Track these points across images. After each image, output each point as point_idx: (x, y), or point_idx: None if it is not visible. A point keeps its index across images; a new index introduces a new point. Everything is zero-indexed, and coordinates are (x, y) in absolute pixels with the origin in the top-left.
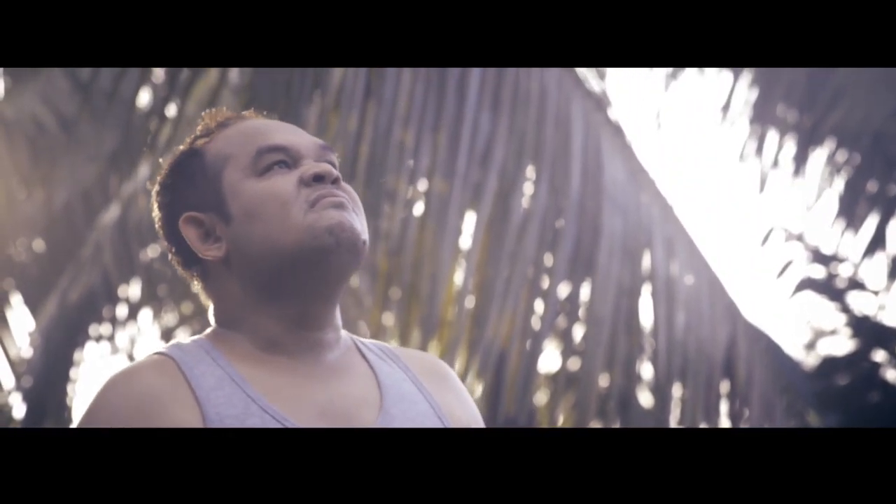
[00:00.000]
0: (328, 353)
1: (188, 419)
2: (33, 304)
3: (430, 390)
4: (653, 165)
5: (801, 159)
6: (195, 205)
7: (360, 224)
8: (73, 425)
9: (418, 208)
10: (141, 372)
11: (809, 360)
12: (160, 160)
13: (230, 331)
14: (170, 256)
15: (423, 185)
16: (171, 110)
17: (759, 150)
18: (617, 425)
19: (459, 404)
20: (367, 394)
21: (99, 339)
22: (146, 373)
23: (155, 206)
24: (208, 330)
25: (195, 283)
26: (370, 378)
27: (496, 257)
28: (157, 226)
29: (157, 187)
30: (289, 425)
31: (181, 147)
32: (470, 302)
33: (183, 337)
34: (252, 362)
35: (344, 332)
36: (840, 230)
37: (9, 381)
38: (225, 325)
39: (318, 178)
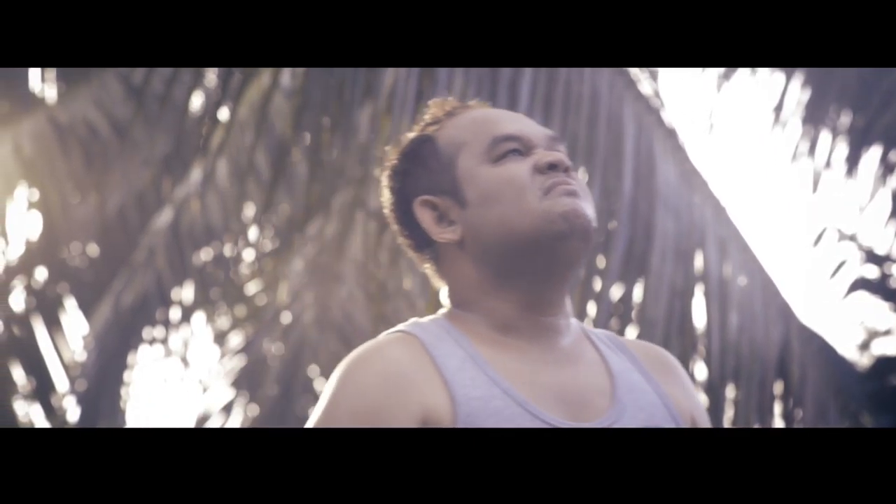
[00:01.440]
0: (561, 339)
1: (437, 400)
2: (87, 308)
3: (658, 381)
4: (705, 166)
5: (853, 160)
6: (429, 189)
7: (591, 211)
8: (320, 402)
9: None
10: (389, 348)
11: (863, 361)
12: (213, 164)
13: (465, 312)
14: (399, 240)
15: None
16: (224, 114)
17: (812, 150)
18: None
19: (685, 397)
20: (600, 381)
21: (152, 342)
22: (394, 349)
23: (386, 190)
24: (442, 310)
25: (427, 265)
26: (601, 366)
27: None
28: (386, 210)
29: (388, 172)
30: (529, 408)
31: (410, 134)
32: None
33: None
34: (490, 344)
35: (573, 320)
36: (893, 230)
37: (63, 385)
38: (460, 307)
39: (553, 167)
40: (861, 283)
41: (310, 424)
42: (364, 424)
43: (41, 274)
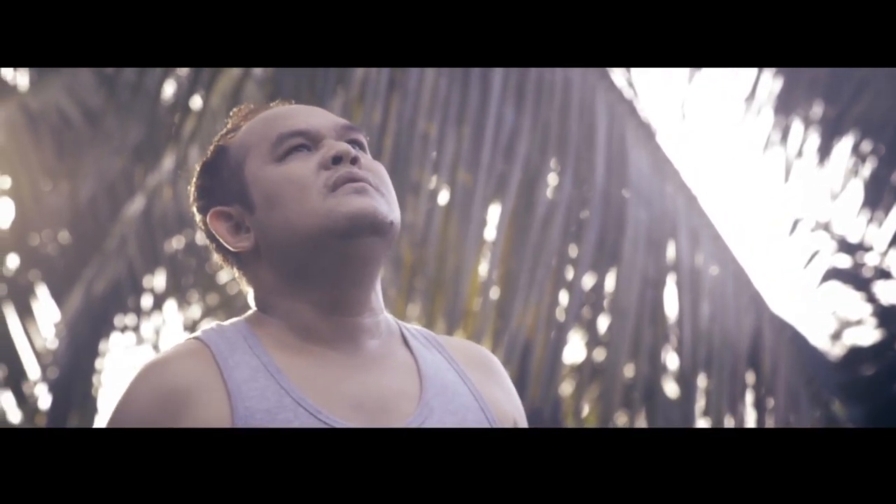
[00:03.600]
0: (367, 340)
1: (216, 414)
2: (59, 296)
3: (475, 381)
4: (677, 156)
5: (825, 149)
6: (223, 199)
7: (385, 205)
8: (105, 412)
9: (443, 200)
10: (173, 362)
11: (835, 351)
12: (185, 153)
13: (268, 316)
14: (214, 255)
15: (447, 176)
16: (196, 102)
17: (784, 140)
18: (642, 415)
19: (505, 397)
20: (406, 385)
21: (124, 329)
22: (179, 363)
23: (193, 209)
24: (249, 312)
25: (235, 273)
26: (411, 368)
27: (520, 248)
28: (199, 228)
29: (192, 190)
30: (322, 418)
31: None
32: (494, 293)
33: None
34: (289, 350)
35: (390, 318)
36: (866, 220)
37: (35, 372)
38: (263, 311)
39: (337, 160)
40: (833, 273)
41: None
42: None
43: (13, 261)
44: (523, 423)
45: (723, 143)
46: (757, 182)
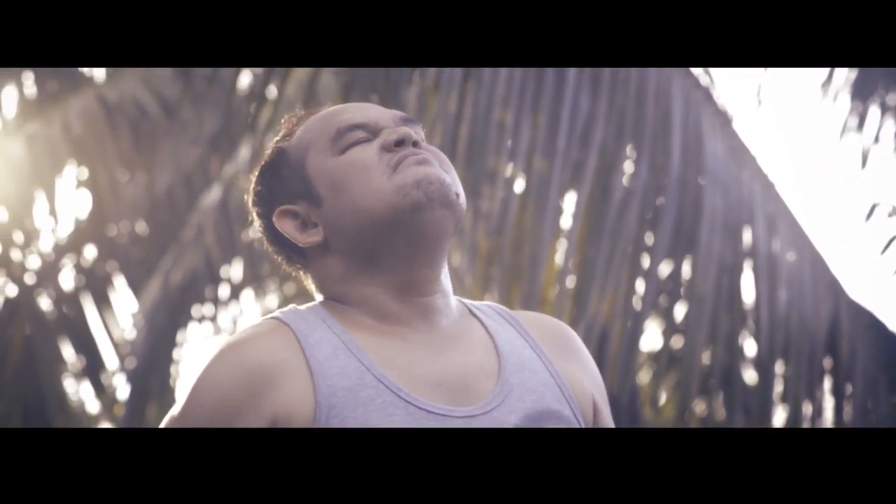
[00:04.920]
0: (441, 320)
1: (299, 393)
2: (136, 286)
3: (552, 358)
4: (754, 142)
5: None
6: (287, 199)
7: (449, 178)
8: (181, 392)
9: (519, 188)
10: (255, 340)
11: None
12: (261, 142)
13: (341, 304)
14: (279, 262)
15: (523, 164)
16: (271, 92)
17: (861, 125)
18: (720, 401)
19: (583, 372)
20: (485, 362)
21: (201, 319)
22: (261, 341)
23: (254, 216)
24: (319, 300)
25: (303, 276)
26: (488, 345)
27: (597, 236)
28: (260, 235)
29: (251, 197)
30: (403, 395)
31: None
32: (571, 281)
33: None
34: (367, 330)
35: (455, 299)
36: None
37: (113, 363)
38: (335, 301)
39: (399, 143)
40: None
41: (173, 412)
42: (218, 416)
43: (90, 252)
44: (602, 398)
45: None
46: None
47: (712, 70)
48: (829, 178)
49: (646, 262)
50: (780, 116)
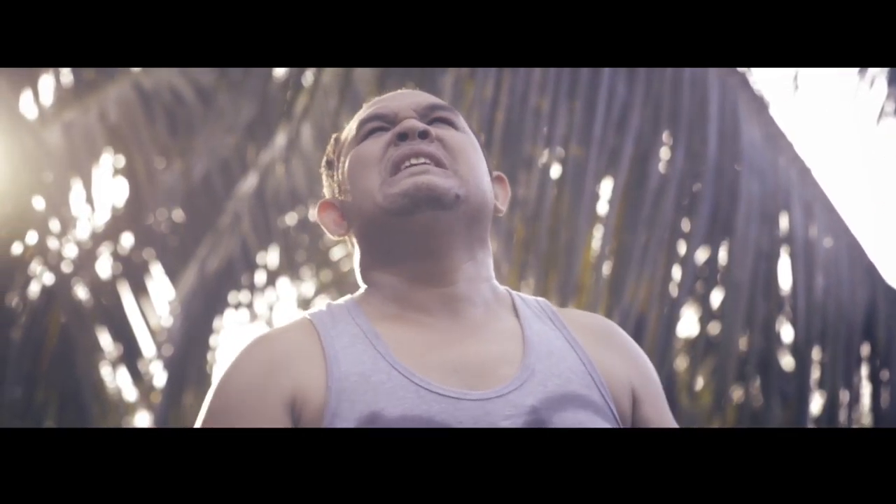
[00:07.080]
0: (467, 308)
1: (312, 377)
2: (173, 274)
3: (586, 348)
4: (790, 128)
5: None
6: (334, 190)
7: (449, 180)
8: (214, 379)
9: (555, 174)
10: (278, 334)
11: None
12: (297, 130)
13: (372, 290)
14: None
15: (559, 151)
16: (307, 79)
17: None
18: (756, 388)
19: (621, 362)
20: (509, 350)
21: (238, 306)
22: (282, 334)
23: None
24: (360, 288)
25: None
26: (516, 334)
27: (633, 222)
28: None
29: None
30: (416, 380)
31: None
32: (607, 267)
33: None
34: (389, 318)
35: (502, 288)
36: None
37: (150, 350)
38: (368, 286)
39: (403, 136)
40: None
41: (205, 401)
42: (239, 402)
43: (127, 240)
44: (646, 390)
45: (836, 114)
46: (870, 153)
47: None
48: (865, 163)
49: (682, 248)
50: (816, 102)
